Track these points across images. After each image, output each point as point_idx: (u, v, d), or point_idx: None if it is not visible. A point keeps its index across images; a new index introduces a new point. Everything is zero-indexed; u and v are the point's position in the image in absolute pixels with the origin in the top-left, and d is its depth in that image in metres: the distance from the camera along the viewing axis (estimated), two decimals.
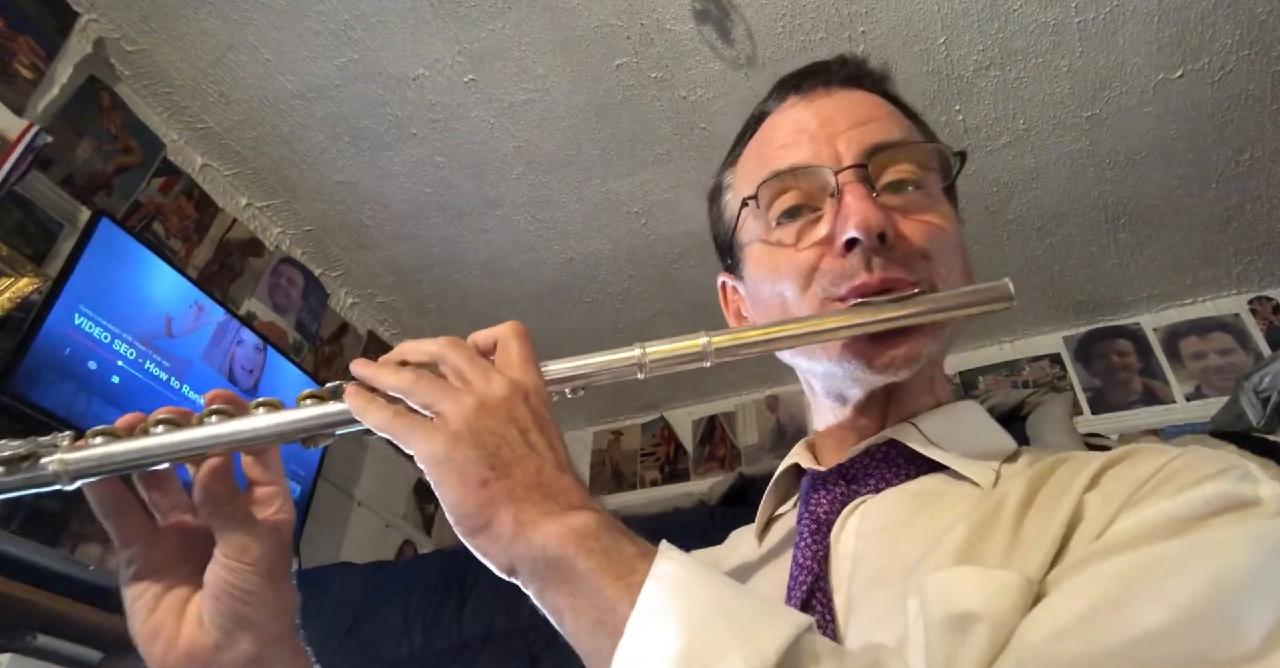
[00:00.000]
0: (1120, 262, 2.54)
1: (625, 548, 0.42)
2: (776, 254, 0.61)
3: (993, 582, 0.42)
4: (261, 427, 0.49)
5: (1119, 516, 0.44)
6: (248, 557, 0.49)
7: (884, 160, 0.59)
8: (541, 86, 2.06)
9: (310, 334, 2.55)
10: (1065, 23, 1.89)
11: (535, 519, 0.43)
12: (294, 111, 2.15)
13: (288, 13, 1.91)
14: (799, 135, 0.62)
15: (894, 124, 0.63)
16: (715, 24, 1.92)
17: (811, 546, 0.54)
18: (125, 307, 1.82)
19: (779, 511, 0.66)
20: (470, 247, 2.55)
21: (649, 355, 0.53)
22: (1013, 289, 0.56)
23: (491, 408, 0.45)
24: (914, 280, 0.56)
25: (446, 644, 1.68)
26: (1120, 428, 2.47)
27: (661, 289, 2.69)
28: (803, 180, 0.60)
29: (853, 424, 0.62)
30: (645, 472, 3.16)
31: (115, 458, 0.48)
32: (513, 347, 0.50)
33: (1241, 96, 2.03)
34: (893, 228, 0.56)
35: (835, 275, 0.57)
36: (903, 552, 0.49)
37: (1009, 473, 0.54)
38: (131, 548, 0.51)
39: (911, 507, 0.54)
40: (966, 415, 0.61)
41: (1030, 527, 0.46)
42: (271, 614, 0.51)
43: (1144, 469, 0.46)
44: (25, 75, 1.79)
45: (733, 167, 0.70)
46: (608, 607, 0.39)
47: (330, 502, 2.49)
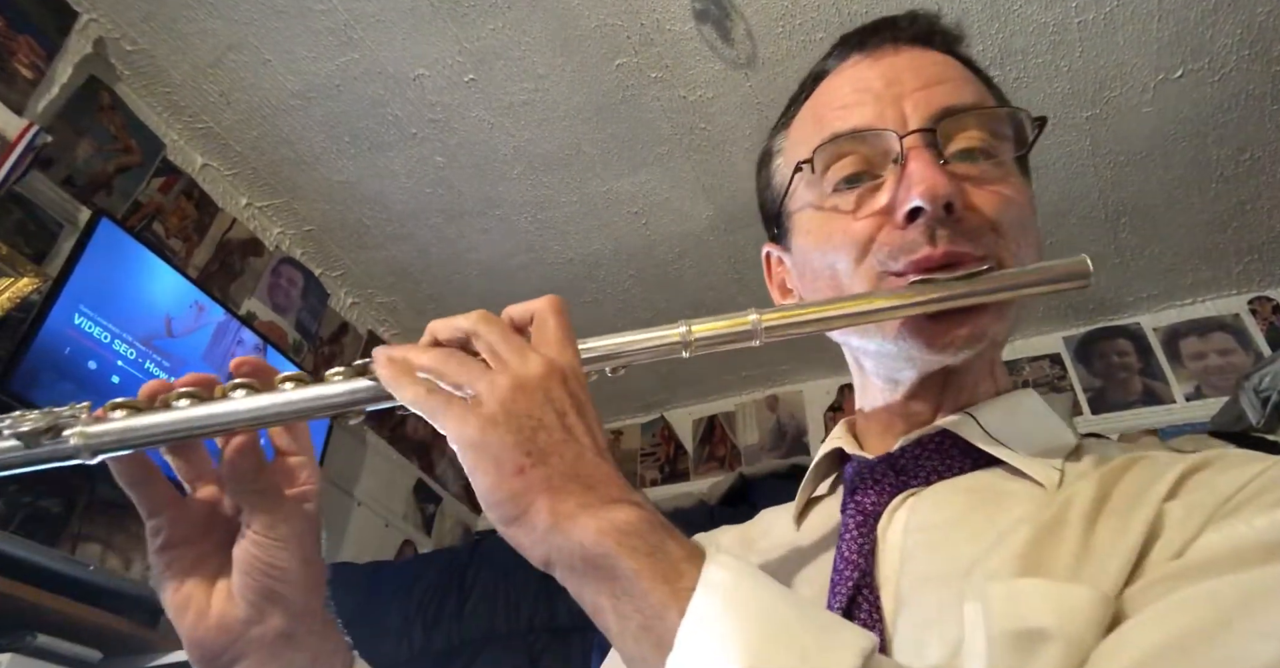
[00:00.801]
0: (1120, 262, 2.54)
1: (672, 549, 0.39)
2: (830, 222, 0.57)
3: (1066, 597, 0.39)
4: (290, 402, 0.47)
5: (1204, 530, 0.40)
6: (276, 532, 0.48)
7: (954, 125, 0.55)
8: (541, 86, 2.06)
9: (310, 334, 2.55)
10: (1065, 23, 1.89)
11: (573, 512, 0.40)
12: (294, 111, 2.15)
13: (288, 13, 1.91)
14: (862, 95, 0.57)
15: (966, 86, 0.58)
16: (715, 24, 1.92)
17: (858, 538, 0.51)
18: (125, 307, 1.82)
19: (817, 493, 0.63)
20: (470, 247, 2.55)
21: (695, 334, 0.48)
22: (1091, 266, 0.52)
23: (528, 389, 0.42)
24: (981, 255, 0.52)
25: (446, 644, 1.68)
26: (1120, 428, 2.47)
27: (661, 289, 2.69)
28: (864, 144, 0.55)
29: (903, 409, 0.58)
30: (645, 472, 3.16)
31: (138, 432, 0.46)
32: (550, 323, 0.46)
33: (1241, 96, 2.03)
34: (961, 198, 0.52)
35: (894, 248, 0.53)
36: (956, 551, 0.46)
37: (1074, 472, 0.50)
38: (158, 517, 0.49)
39: (966, 503, 0.50)
40: (1027, 405, 0.57)
41: (1103, 535, 0.43)
42: (302, 589, 0.50)
43: (1232, 479, 0.43)
44: (25, 75, 1.79)
45: (785, 129, 0.65)
46: (654, 613, 0.37)
47: (330, 502, 2.48)
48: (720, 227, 2.43)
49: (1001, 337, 0.56)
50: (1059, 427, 0.56)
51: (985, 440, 0.53)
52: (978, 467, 0.53)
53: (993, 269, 0.52)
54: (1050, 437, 0.54)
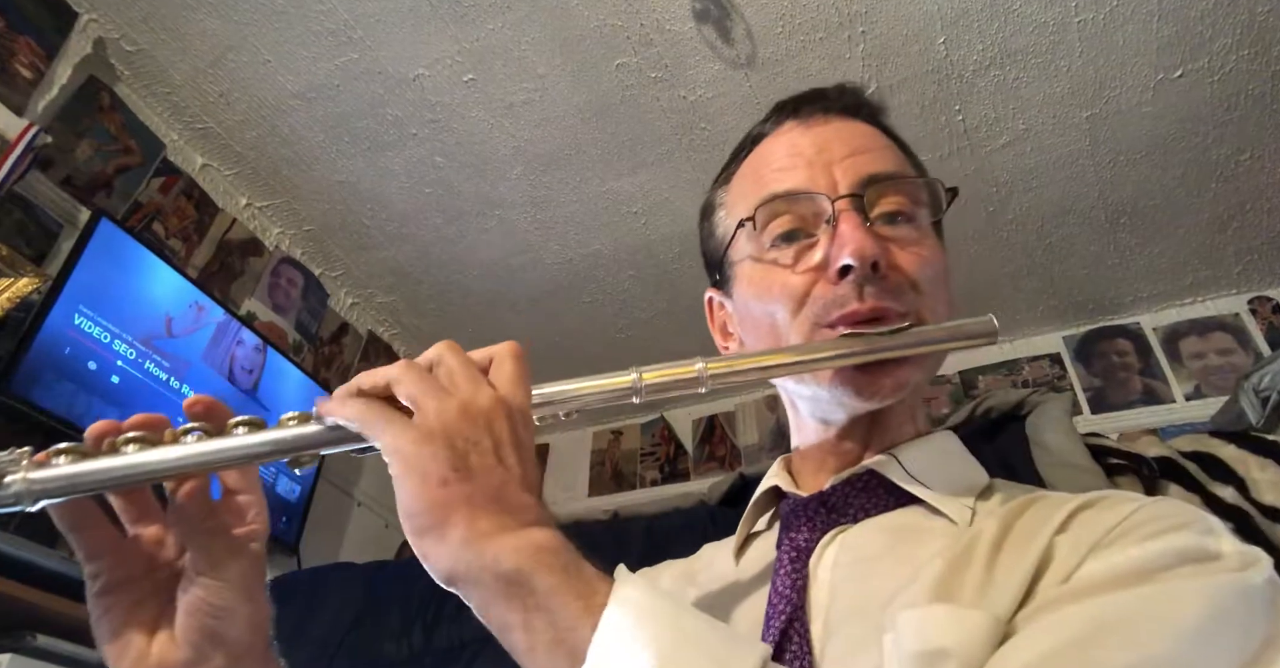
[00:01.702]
0: (1120, 262, 2.54)
1: (585, 568, 0.42)
2: (770, 276, 0.62)
3: (964, 620, 0.43)
4: (240, 448, 0.47)
5: (1086, 560, 0.45)
6: (223, 573, 0.49)
7: (878, 191, 0.60)
8: (541, 86, 2.06)
9: (310, 334, 2.55)
10: (1065, 23, 1.89)
11: (490, 531, 0.41)
12: (294, 111, 2.15)
13: (288, 13, 1.91)
14: (796, 160, 0.63)
15: (889, 156, 0.64)
16: (715, 24, 1.92)
17: (791, 574, 0.54)
18: (125, 307, 1.82)
19: (756, 529, 0.67)
20: (470, 247, 2.55)
21: (645, 380, 0.52)
22: (996, 325, 0.58)
23: (471, 415, 0.44)
24: (903, 311, 0.57)
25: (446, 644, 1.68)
26: (1120, 428, 2.47)
27: (661, 289, 2.69)
28: (799, 205, 0.61)
29: (835, 448, 0.63)
30: (645, 472, 3.16)
31: (83, 478, 0.45)
32: (507, 365, 0.49)
33: (1241, 96, 2.03)
34: (885, 257, 0.57)
35: (827, 302, 0.58)
36: (879, 585, 0.50)
37: (983, 510, 0.55)
38: (97, 562, 0.49)
39: (889, 540, 0.55)
40: (944, 447, 0.63)
41: (1002, 566, 0.47)
42: (246, 630, 0.50)
43: (1113, 516, 0.48)
44: (25, 75, 1.79)
45: (726, 185, 0.71)
46: (567, 626, 0.39)
47: (330, 502, 2.49)
48: None
49: (922, 385, 0.62)
50: (973, 467, 0.62)
51: (906, 480, 0.58)
52: (900, 504, 0.58)
53: (913, 325, 0.57)
54: (964, 476, 0.60)
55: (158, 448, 0.46)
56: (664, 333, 2.85)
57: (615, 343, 2.90)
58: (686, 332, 2.67)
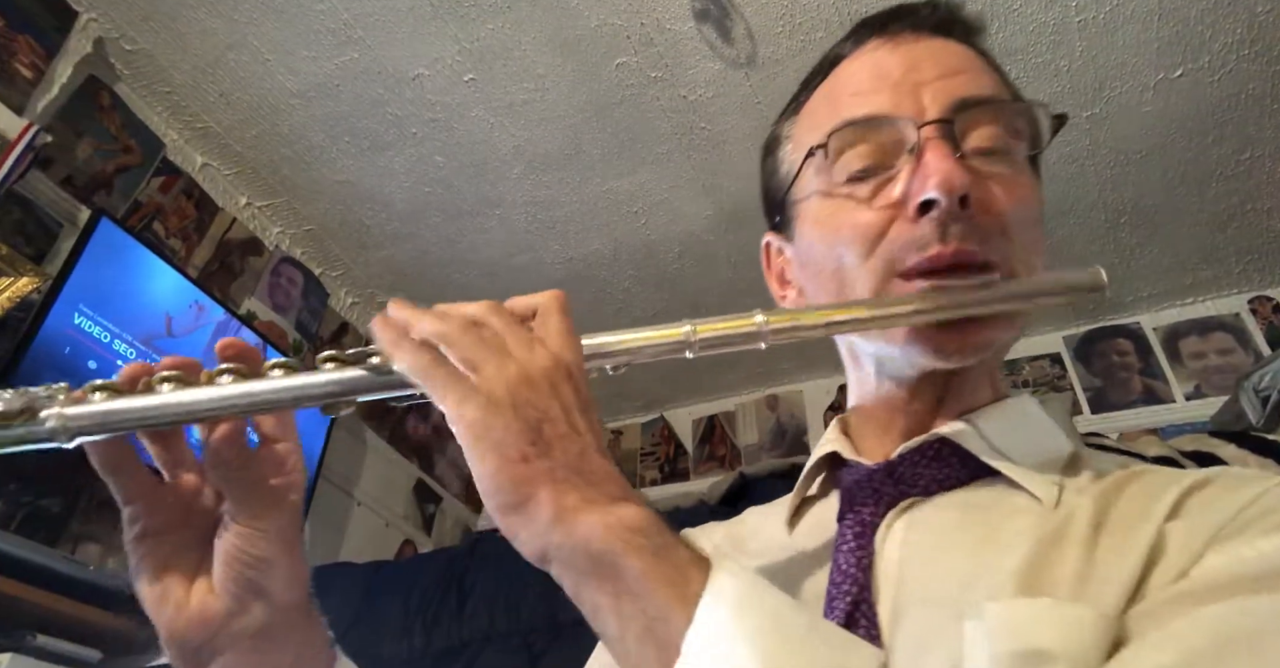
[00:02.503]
0: (1120, 262, 2.54)
1: (678, 552, 0.39)
2: (839, 212, 0.55)
3: (1068, 617, 0.38)
4: (278, 390, 0.44)
5: (1207, 552, 0.40)
6: (261, 523, 0.47)
7: (971, 119, 0.53)
8: (541, 86, 2.06)
9: (310, 334, 2.55)
10: (1065, 22, 1.89)
11: (578, 506, 0.39)
12: (294, 111, 2.14)
13: (288, 12, 1.90)
14: (879, 82, 0.55)
15: (985, 78, 0.56)
16: (715, 23, 1.92)
17: (855, 551, 0.50)
18: (125, 306, 1.82)
19: (810, 493, 0.61)
20: (470, 247, 2.55)
21: (699, 334, 0.47)
22: (1105, 278, 0.52)
23: (534, 380, 0.42)
24: (987, 260, 0.51)
25: (446, 644, 1.68)
26: (1120, 427, 2.47)
27: (661, 289, 2.69)
28: (880, 132, 0.54)
29: (904, 409, 0.57)
30: (645, 472, 3.16)
31: (119, 416, 0.43)
32: (554, 319, 0.46)
33: (1241, 96, 2.03)
34: (977, 192, 0.50)
35: (904, 243, 0.51)
36: (956, 567, 0.46)
37: (1073, 487, 0.49)
38: (135, 505, 0.47)
39: (965, 518, 0.50)
40: (1026, 414, 0.56)
41: (1103, 554, 0.43)
42: (285, 583, 0.48)
43: (1235, 500, 0.42)
44: (25, 75, 1.79)
45: (795, 115, 0.63)
46: (658, 615, 0.36)
47: (330, 502, 2.48)
48: (720, 226, 2.43)
49: (1009, 344, 0.56)
50: (1057, 436, 0.55)
51: (986, 452, 0.52)
52: (975, 477, 0.52)
53: (1002, 277, 0.51)
54: (1049, 448, 0.53)
55: (193, 388, 0.45)
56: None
57: None
58: None
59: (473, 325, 0.44)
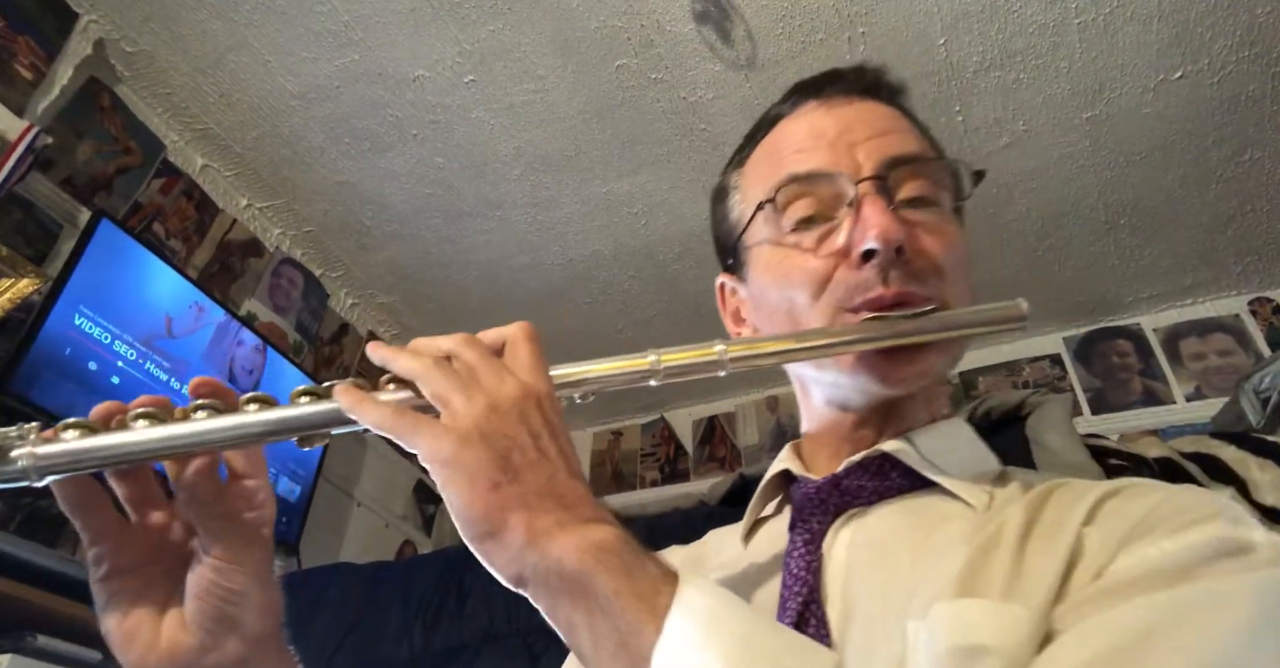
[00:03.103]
0: (1120, 262, 2.54)
1: (648, 569, 0.41)
2: (789, 260, 0.60)
3: (1004, 616, 0.42)
4: (252, 424, 0.46)
5: (1119, 554, 0.44)
6: (234, 556, 0.48)
7: (901, 174, 0.59)
8: (541, 87, 2.07)
9: (310, 335, 2.55)
10: (1065, 23, 1.89)
11: (550, 529, 0.41)
12: (294, 112, 2.15)
13: (288, 14, 1.91)
14: (818, 141, 0.61)
15: (912, 138, 0.63)
16: (715, 25, 1.92)
17: (805, 556, 0.53)
18: (125, 307, 1.82)
19: (764, 513, 0.66)
20: (470, 247, 2.55)
21: (663, 362, 0.51)
22: (1026, 309, 0.57)
23: (502, 410, 0.44)
24: (927, 296, 0.56)
25: (446, 644, 1.68)
26: (1120, 428, 2.47)
27: (661, 290, 2.69)
28: (820, 187, 0.59)
29: (850, 434, 0.62)
30: (645, 472, 3.16)
31: (91, 454, 0.44)
32: (522, 349, 0.48)
33: (1241, 97, 2.03)
34: (910, 242, 0.56)
35: (850, 286, 0.57)
36: (899, 569, 0.49)
37: (1002, 497, 0.54)
38: (100, 545, 0.48)
39: (906, 523, 0.54)
40: (958, 433, 0.62)
41: (1032, 558, 0.46)
42: (259, 615, 0.49)
43: (1140, 507, 0.47)
44: (25, 76, 1.79)
45: (740, 168, 0.69)
46: (631, 630, 0.38)
47: (330, 502, 2.49)
48: None
49: (945, 371, 0.61)
50: (986, 453, 0.61)
51: (923, 464, 0.56)
52: (915, 489, 0.57)
53: (938, 309, 0.56)
54: (979, 463, 0.59)
55: (167, 424, 0.46)
56: (664, 333, 2.85)
57: (615, 343, 2.90)
58: (687, 332, 2.66)
59: (444, 360, 0.47)
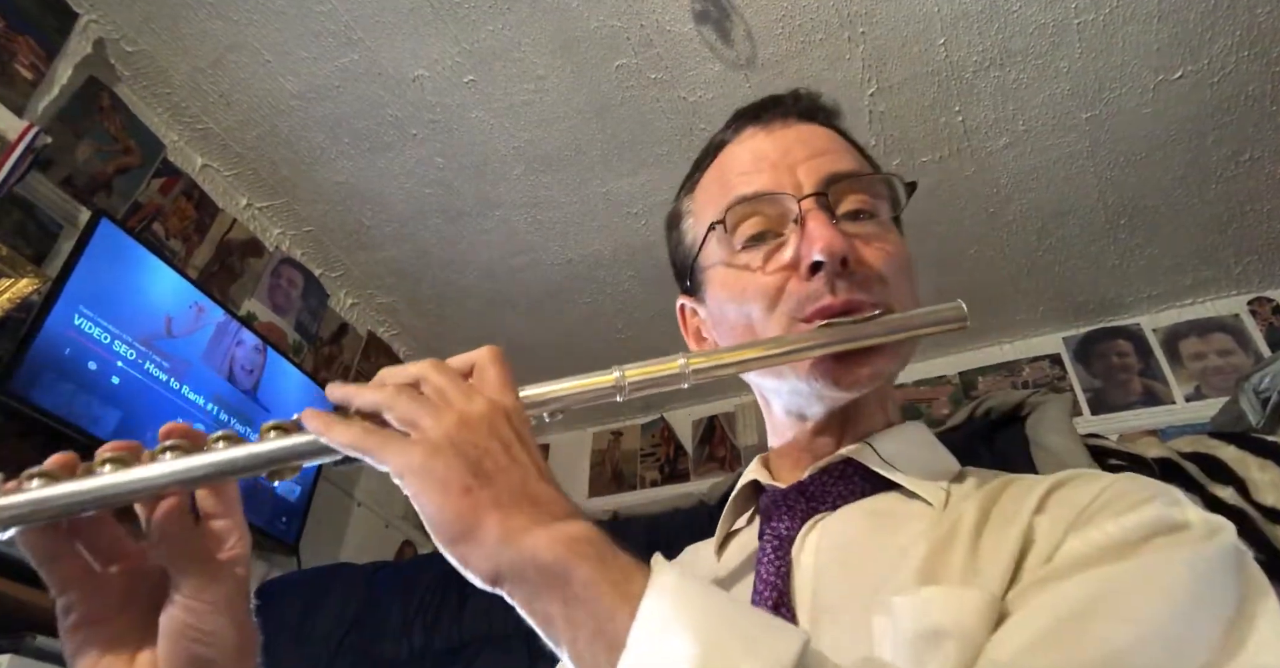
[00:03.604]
0: (1120, 262, 2.54)
1: (620, 558, 0.42)
2: (742, 277, 0.63)
3: (959, 599, 0.44)
4: (219, 462, 0.46)
5: (1066, 538, 0.47)
6: (208, 596, 0.48)
7: (841, 190, 0.63)
8: (541, 87, 2.06)
9: (310, 335, 2.55)
10: (1065, 23, 1.89)
11: (525, 525, 0.42)
12: (294, 112, 2.15)
13: (288, 13, 1.91)
14: (760, 163, 0.65)
15: (848, 156, 0.66)
16: (715, 25, 1.92)
17: (774, 561, 0.55)
18: (125, 307, 1.82)
19: (736, 527, 0.68)
20: (470, 247, 2.55)
21: (628, 378, 0.52)
22: (966, 310, 0.59)
23: (472, 423, 0.45)
24: (873, 302, 0.59)
25: (446, 644, 1.68)
26: (1120, 429, 2.47)
27: (661, 290, 2.68)
28: (766, 206, 0.63)
29: (810, 443, 0.65)
30: (645, 472, 3.16)
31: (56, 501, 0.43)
32: (490, 371, 0.49)
33: (1241, 97, 2.03)
34: (853, 253, 0.59)
35: (801, 297, 0.60)
36: (863, 569, 0.52)
37: (959, 494, 0.57)
38: (69, 595, 0.48)
39: (869, 525, 0.57)
40: (916, 436, 0.64)
41: (986, 548, 0.49)
42: (234, 656, 0.49)
43: (1085, 494, 0.50)
44: (25, 76, 1.79)
45: (691, 194, 0.73)
46: (606, 616, 0.39)
47: (330, 502, 2.49)
48: None
49: (895, 374, 0.64)
50: (943, 454, 0.64)
51: (882, 466, 0.60)
52: (876, 490, 0.60)
53: (884, 314, 0.59)
54: (936, 463, 0.62)
55: (132, 467, 0.45)
56: (664, 333, 2.84)
57: (615, 343, 2.90)
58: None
59: (408, 387, 0.48)
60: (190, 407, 1.94)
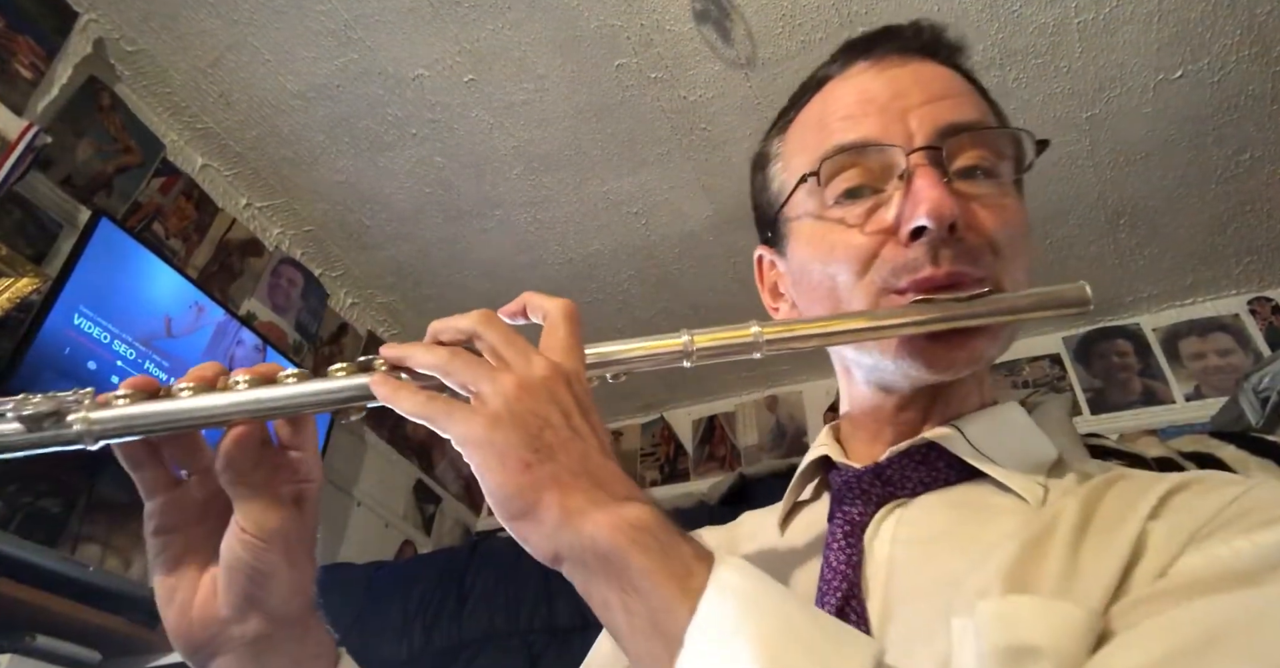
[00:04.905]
0: (1120, 262, 2.54)
1: (682, 548, 0.40)
2: (832, 234, 0.56)
3: (1056, 614, 0.39)
4: (292, 395, 0.47)
5: (1186, 550, 0.41)
6: (264, 532, 0.47)
7: (958, 143, 0.55)
8: (541, 87, 2.06)
9: (310, 335, 2.55)
10: (1065, 23, 1.89)
11: (584, 507, 0.40)
12: (294, 112, 2.15)
13: (288, 13, 1.91)
14: (867, 106, 0.57)
15: (971, 103, 0.58)
16: (715, 24, 1.92)
17: (845, 549, 0.51)
18: (125, 307, 1.82)
19: (802, 497, 0.63)
20: (470, 247, 2.55)
21: (696, 344, 0.49)
22: (1090, 293, 0.54)
23: (533, 389, 0.43)
24: (981, 276, 0.53)
25: (446, 644, 1.68)
26: (1120, 428, 2.47)
27: (661, 289, 2.69)
28: (869, 157, 0.55)
29: (893, 418, 0.58)
30: (645, 472, 3.16)
31: (141, 419, 0.46)
32: (561, 330, 0.48)
33: (1241, 97, 2.03)
34: (965, 218, 0.52)
35: (897, 265, 0.53)
36: (944, 565, 0.47)
37: (1058, 489, 0.51)
38: (153, 501, 0.49)
39: (953, 517, 0.51)
40: (1011, 419, 0.57)
41: (1088, 553, 0.43)
42: (285, 595, 0.49)
43: (1213, 501, 0.43)
44: (25, 75, 1.79)
45: (783, 134, 0.64)
46: (664, 609, 0.37)
47: (330, 502, 2.49)
48: (720, 227, 2.43)
49: (995, 357, 0.57)
50: (1042, 441, 0.56)
51: (972, 454, 0.53)
52: (963, 479, 0.54)
53: (991, 292, 0.53)
54: (1034, 451, 0.55)
55: (212, 393, 0.47)
56: (664, 333, 2.84)
57: None
58: None
59: (463, 349, 0.46)
60: None
